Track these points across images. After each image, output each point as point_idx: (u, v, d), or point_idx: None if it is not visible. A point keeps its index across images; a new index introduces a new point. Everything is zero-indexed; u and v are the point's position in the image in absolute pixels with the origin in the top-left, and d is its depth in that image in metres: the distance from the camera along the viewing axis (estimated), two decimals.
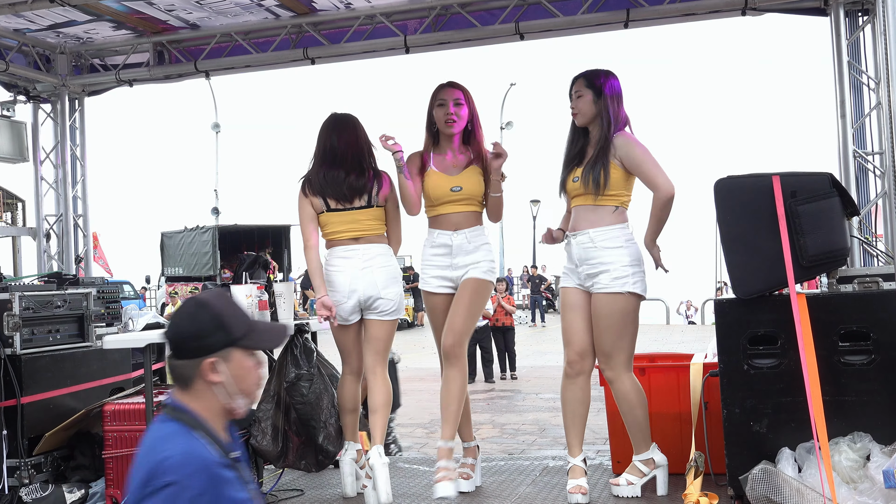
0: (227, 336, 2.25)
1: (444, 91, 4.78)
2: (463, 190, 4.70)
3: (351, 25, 6.70)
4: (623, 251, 4.50)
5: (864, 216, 5.65)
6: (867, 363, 4.03)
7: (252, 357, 2.31)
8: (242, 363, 2.28)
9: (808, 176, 4.18)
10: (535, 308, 27.90)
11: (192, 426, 2.20)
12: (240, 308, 2.38)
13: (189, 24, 6.85)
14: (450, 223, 4.75)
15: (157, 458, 2.11)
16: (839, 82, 5.77)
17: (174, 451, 2.11)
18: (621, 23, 6.19)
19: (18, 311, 4.93)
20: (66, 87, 7.43)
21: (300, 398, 4.80)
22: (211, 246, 25.50)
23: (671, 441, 4.98)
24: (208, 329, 2.25)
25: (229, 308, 2.31)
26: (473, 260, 4.71)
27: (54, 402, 5.10)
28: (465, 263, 4.72)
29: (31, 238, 7.57)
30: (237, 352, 2.26)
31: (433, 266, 4.78)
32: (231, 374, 2.25)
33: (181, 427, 2.20)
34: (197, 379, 2.24)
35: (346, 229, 4.74)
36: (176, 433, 2.18)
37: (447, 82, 4.83)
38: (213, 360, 2.23)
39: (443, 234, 4.75)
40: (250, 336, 2.30)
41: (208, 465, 2.13)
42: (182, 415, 2.23)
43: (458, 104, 4.73)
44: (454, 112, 4.71)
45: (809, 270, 4.16)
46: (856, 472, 3.80)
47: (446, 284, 4.77)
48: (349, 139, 4.78)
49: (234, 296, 4.85)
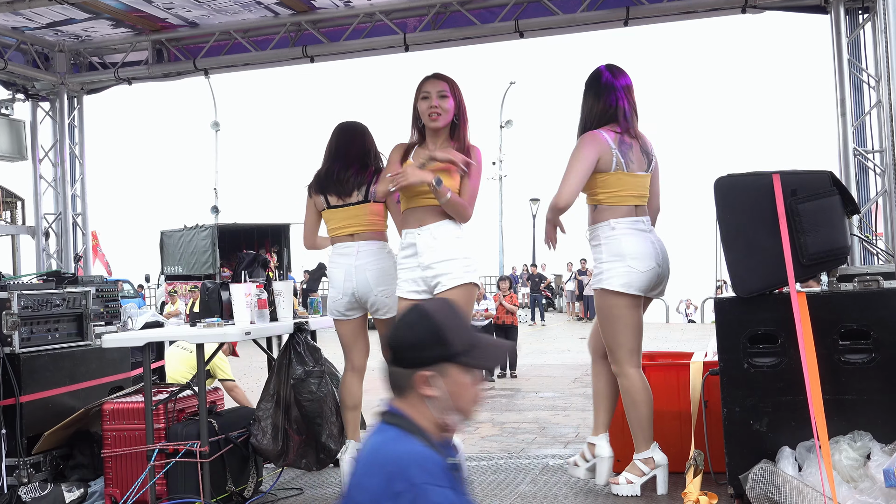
0: (445, 350, 2.14)
1: (428, 83, 4.48)
2: (444, 183, 4.30)
3: (350, 23, 6.69)
4: (600, 248, 4.56)
5: (865, 214, 5.64)
6: (867, 362, 4.02)
7: (470, 374, 2.18)
8: (459, 379, 2.15)
9: (808, 174, 4.17)
10: (534, 307, 27.90)
11: (411, 431, 2.12)
12: (464, 321, 2.26)
13: (188, 22, 6.84)
14: (415, 219, 4.45)
15: (393, 462, 2.04)
16: (839, 80, 5.77)
17: (409, 453, 2.05)
18: (621, 21, 6.19)
19: (17, 310, 4.92)
20: (65, 86, 7.42)
21: (309, 395, 4.78)
22: (210, 244, 25.47)
23: (671, 439, 4.97)
24: (427, 341, 2.15)
25: (452, 320, 2.20)
26: (443, 258, 4.35)
27: (53, 400, 5.09)
28: (433, 263, 4.37)
29: (30, 237, 7.56)
30: (454, 367, 2.15)
31: (403, 268, 4.50)
32: (446, 389, 2.14)
33: (401, 432, 2.12)
34: (411, 389, 2.15)
35: (343, 225, 4.85)
36: (400, 437, 2.11)
37: (432, 74, 4.54)
38: (428, 374, 2.13)
39: (409, 232, 4.46)
40: (471, 353, 2.18)
41: (444, 466, 2.06)
42: (400, 420, 2.15)
43: (442, 97, 4.42)
44: (438, 105, 4.41)
45: (810, 269, 4.15)
46: (856, 471, 3.79)
47: (417, 289, 4.44)
48: (355, 140, 4.94)
49: (454, 310, 4.78)
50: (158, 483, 4.62)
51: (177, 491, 4.59)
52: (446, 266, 4.37)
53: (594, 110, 4.61)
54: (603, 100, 4.59)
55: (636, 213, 4.58)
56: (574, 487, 4.85)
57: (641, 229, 4.56)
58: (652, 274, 4.51)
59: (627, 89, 4.64)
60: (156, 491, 4.60)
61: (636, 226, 4.55)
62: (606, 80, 4.62)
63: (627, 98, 4.61)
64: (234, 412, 5.12)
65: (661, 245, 4.62)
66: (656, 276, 4.53)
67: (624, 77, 4.66)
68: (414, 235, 4.44)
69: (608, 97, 4.59)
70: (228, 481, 4.73)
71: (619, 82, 4.62)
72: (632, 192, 4.57)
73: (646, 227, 4.59)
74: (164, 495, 4.63)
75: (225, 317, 5.00)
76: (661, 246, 4.61)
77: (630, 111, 4.61)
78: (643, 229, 4.57)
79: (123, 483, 4.74)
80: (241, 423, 4.90)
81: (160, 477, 4.61)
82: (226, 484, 4.72)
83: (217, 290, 5.12)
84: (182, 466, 4.56)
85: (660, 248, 4.59)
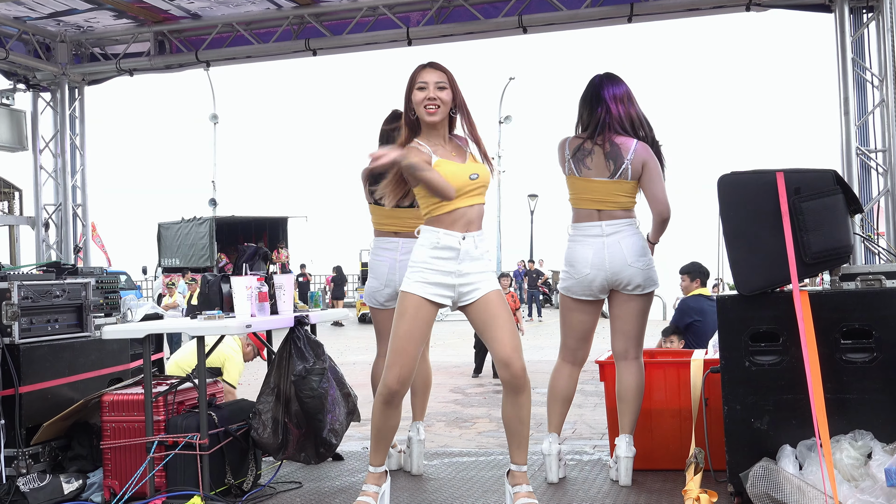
0: None
1: (425, 72, 4.11)
2: (480, 177, 4.10)
3: (353, 17, 6.69)
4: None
5: (867, 214, 5.64)
6: (869, 361, 4.03)
7: None
8: None
9: (812, 173, 4.17)
10: (531, 303, 27.92)
11: None
12: None
13: (190, 13, 6.82)
14: (462, 221, 4.07)
15: None
16: (843, 79, 5.76)
17: None
18: (625, 17, 6.19)
19: (17, 301, 4.91)
20: (66, 76, 7.40)
21: (310, 392, 4.76)
22: (208, 237, 25.66)
23: (671, 437, 4.99)
24: None
25: None
26: (480, 269, 4.12)
27: (52, 391, 5.08)
28: (468, 272, 4.09)
29: (29, 227, 7.56)
30: None
31: (433, 271, 4.06)
32: None
33: None
34: None
35: (388, 223, 5.04)
36: None
37: (428, 63, 4.16)
38: None
39: (450, 234, 4.05)
40: None
41: None
42: None
43: (441, 88, 4.08)
44: (436, 97, 4.06)
45: (812, 267, 4.15)
46: (857, 470, 3.79)
47: (444, 294, 4.09)
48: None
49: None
50: (157, 475, 4.61)
51: (176, 483, 4.58)
52: (483, 273, 4.14)
53: (582, 117, 4.88)
54: (588, 108, 4.83)
55: (598, 218, 4.72)
56: (571, 481, 4.85)
57: (594, 234, 4.70)
58: (586, 279, 4.72)
59: (616, 98, 4.76)
60: (155, 483, 4.60)
61: (589, 231, 4.72)
62: (595, 91, 4.82)
63: (615, 106, 4.74)
64: (234, 405, 5.11)
65: (614, 250, 4.67)
66: (590, 281, 4.71)
67: (616, 87, 4.79)
68: (458, 240, 4.06)
69: (592, 106, 4.81)
70: (227, 474, 4.73)
71: (607, 93, 4.76)
72: (588, 196, 4.73)
73: (602, 231, 4.69)
74: (162, 487, 4.62)
75: (225, 309, 4.99)
76: (613, 251, 4.66)
77: (610, 118, 4.72)
78: (597, 234, 4.70)
79: (122, 475, 4.73)
80: (241, 417, 4.89)
81: (159, 469, 4.60)
82: (225, 477, 4.71)
83: (218, 283, 5.11)
84: (181, 459, 4.56)
85: (608, 254, 4.66)
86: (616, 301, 4.78)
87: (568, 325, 4.95)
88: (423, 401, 5.28)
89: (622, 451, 4.71)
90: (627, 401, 4.75)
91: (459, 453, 5.91)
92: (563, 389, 4.94)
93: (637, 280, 4.67)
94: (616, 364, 4.82)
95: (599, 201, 4.71)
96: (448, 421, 9.28)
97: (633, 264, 4.65)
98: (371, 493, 4.18)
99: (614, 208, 4.71)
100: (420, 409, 5.26)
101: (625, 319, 4.76)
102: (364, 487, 4.21)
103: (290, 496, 4.85)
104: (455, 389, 11.65)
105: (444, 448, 7.05)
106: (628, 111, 4.75)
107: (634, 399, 4.74)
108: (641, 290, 4.71)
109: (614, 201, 4.71)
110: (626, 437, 4.73)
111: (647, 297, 4.76)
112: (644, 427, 4.98)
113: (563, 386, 4.94)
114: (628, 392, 4.75)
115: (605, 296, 4.80)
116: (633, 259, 4.65)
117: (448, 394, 11.26)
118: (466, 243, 4.07)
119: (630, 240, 4.69)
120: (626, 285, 4.68)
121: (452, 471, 5.28)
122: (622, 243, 4.67)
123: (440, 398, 10.67)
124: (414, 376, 4.19)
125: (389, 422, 4.18)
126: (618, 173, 4.67)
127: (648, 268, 4.71)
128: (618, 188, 4.69)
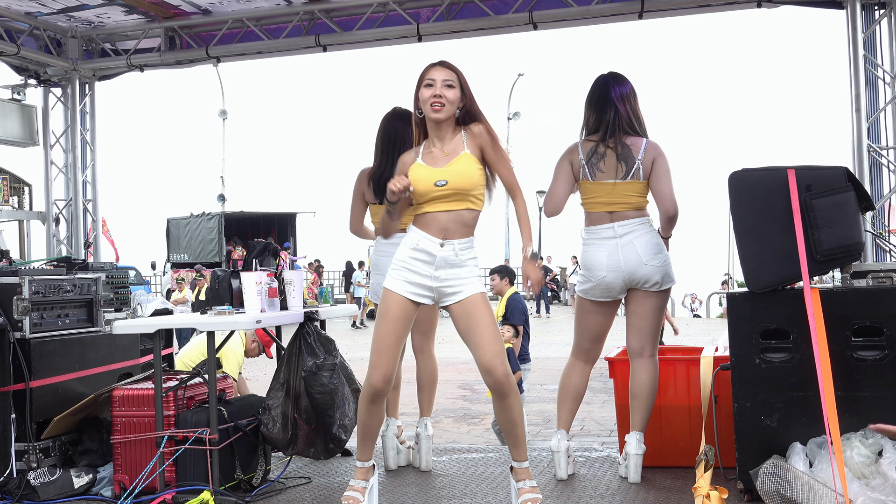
0: None
1: (434, 70, 4.11)
2: (448, 184, 4.01)
3: (364, 13, 6.69)
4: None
5: (878, 211, 5.62)
6: (880, 359, 4.02)
7: None
8: None
9: (823, 170, 4.16)
10: (539, 299, 27.89)
11: None
12: None
13: (201, 9, 6.84)
14: (435, 226, 4.06)
15: None
16: (854, 76, 5.75)
17: None
18: (636, 13, 6.18)
19: (28, 295, 4.93)
20: (77, 72, 7.43)
21: (320, 388, 4.77)
22: (217, 232, 25.65)
23: (681, 434, 4.98)
24: None
25: None
26: (461, 275, 4.06)
27: (63, 386, 5.10)
28: (447, 278, 4.05)
29: (40, 222, 7.58)
30: None
31: (411, 271, 4.07)
32: None
33: None
34: None
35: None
36: None
37: (438, 61, 4.16)
38: None
39: (429, 239, 4.05)
40: None
41: None
42: None
43: (448, 86, 4.06)
44: (442, 95, 4.03)
45: (823, 265, 4.14)
46: (868, 468, 3.78)
47: (423, 294, 4.08)
48: (408, 139, 4.63)
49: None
50: (167, 470, 4.62)
51: (185, 478, 4.60)
52: (465, 279, 4.09)
53: (589, 120, 4.85)
54: (596, 110, 4.81)
55: (610, 220, 4.72)
56: (580, 478, 4.85)
57: (607, 237, 4.71)
58: (603, 282, 4.73)
59: (623, 98, 4.76)
60: (165, 477, 4.61)
61: (602, 234, 4.73)
62: (602, 92, 4.80)
63: (622, 106, 4.74)
64: (244, 400, 5.13)
65: (628, 250, 4.67)
66: (608, 283, 4.73)
67: (622, 86, 4.79)
68: (435, 246, 4.05)
69: (601, 108, 4.78)
70: (237, 469, 4.74)
71: (615, 93, 4.76)
72: (601, 199, 4.73)
73: (615, 233, 4.70)
74: (172, 482, 4.64)
75: (235, 305, 5.00)
76: (627, 252, 4.67)
77: (619, 119, 4.72)
78: (609, 237, 4.71)
79: (132, 469, 4.74)
80: (251, 412, 4.90)
81: (169, 464, 4.61)
82: (234, 471, 4.72)
83: (227, 279, 5.12)
84: (191, 453, 4.57)
85: (622, 255, 4.67)
86: (634, 298, 4.77)
87: (584, 326, 4.94)
88: (430, 396, 5.29)
89: (632, 448, 4.71)
90: (641, 398, 4.74)
91: (468, 449, 5.91)
92: (575, 387, 4.94)
93: (655, 277, 4.67)
94: (631, 361, 4.82)
95: (611, 203, 4.72)
96: (456, 417, 9.28)
97: (648, 262, 4.65)
98: (359, 489, 4.21)
99: (626, 209, 4.71)
100: (427, 405, 5.27)
101: (642, 316, 4.76)
102: (352, 482, 4.23)
103: (299, 491, 4.86)
104: (463, 385, 11.65)
105: (453, 444, 7.05)
106: (634, 109, 4.78)
107: (648, 397, 4.74)
108: (659, 287, 4.71)
109: (626, 202, 4.71)
110: (637, 435, 4.73)
111: (665, 293, 4.78)
112: (654, 424, 4.97)
113: (575, 383, 4.95)
114: (643, 389, 4.74)
115: (624, 295, 4.81)
116: (648, 257, 4.65)
117: (456, 390, 11.26)
118: (445, 251, 4.04)
119: (643, 238, 4.68)
120: (644, 283, 4.69)
121: (461, 467, 5.29)
122: (636, 243, 4.67)
123: (448, 394, 10.67)
124: (419, 372, 4.22)
125: (375, 418, 4.24)
126: (630, 174, 4.67)
127: (665, 264, 4.71)
128: (630, 189, 4.69)
